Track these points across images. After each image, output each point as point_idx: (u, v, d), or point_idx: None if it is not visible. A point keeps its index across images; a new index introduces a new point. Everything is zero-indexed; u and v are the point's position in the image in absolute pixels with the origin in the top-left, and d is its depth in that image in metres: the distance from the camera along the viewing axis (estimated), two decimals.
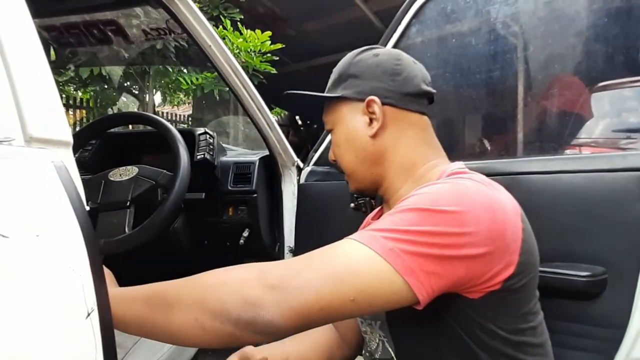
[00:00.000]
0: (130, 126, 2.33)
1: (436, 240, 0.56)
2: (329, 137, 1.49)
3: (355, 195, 1.28)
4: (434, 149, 0.78)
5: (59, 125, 0.53)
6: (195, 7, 1.14)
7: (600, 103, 1.66)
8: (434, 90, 0.79)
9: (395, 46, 1.29)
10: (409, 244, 0.55)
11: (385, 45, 1.30)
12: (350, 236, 0.60)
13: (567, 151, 1.55)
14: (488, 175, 0.74)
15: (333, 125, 0.81)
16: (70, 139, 0.55)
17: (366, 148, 0.76)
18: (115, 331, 0.53)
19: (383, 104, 0.74)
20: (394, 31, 1.31)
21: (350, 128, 0.77)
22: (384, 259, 0.55)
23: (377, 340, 0.74)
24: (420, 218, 0.57)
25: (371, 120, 0.75)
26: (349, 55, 0.81)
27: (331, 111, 0.81)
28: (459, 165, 0.74)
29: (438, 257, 0.56)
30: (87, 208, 0.52)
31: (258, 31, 4.33)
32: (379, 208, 0.90)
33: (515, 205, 0.65)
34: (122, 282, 1.41)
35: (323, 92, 0.83)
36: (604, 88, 1.66)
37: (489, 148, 1.57)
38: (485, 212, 0.59)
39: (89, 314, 0.47)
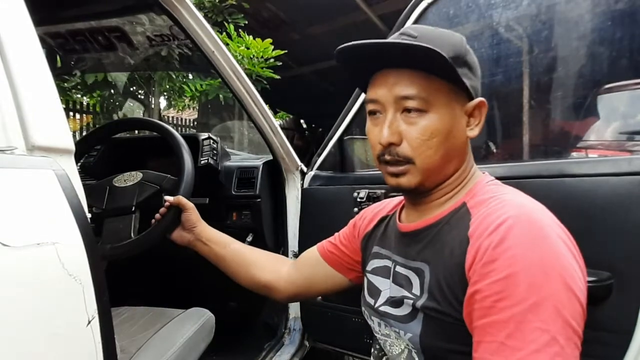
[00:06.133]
0: (135, 131, 2.34)
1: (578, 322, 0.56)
2: (334, 139, 1.48)
3: (358, 200, 1.28)
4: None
5: (61, 133, 0.54)
6: (198, 13, 1.15)
7: (606, 105, 1.65)
8: None
9: None
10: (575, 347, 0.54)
11: None
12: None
13: (574, 154, 1.54)
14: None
15: (429, 107, 0.66)
16: (73, 147, 0.55)
17: (462, 147, 0.71)
18: (120, 335, 0.54)
19: None
20: None
21: (456, 122, 0.68)
22: None
23: (403, 348, 0.73)
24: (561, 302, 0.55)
25: (469, 120, 0.70)
26: (453, 35, 0.70)
27: (432, 90, 0.66)
28: (489, 177, 0.74)
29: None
30: (89, 216, 0.52)
31: (259, 39, 4.35)
32: (399, 203, 0.86)
33: (559, 222, 0.64)
34: (123, 284, 1.41)
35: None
36: (610, 90, 1.65)
37: (494, 151, 1.56)
38: (577, 255, 0.60)
39: (89, 322, 0.47)
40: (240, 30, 4.45)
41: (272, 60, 4.46)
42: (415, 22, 1.28)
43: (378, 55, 0.68)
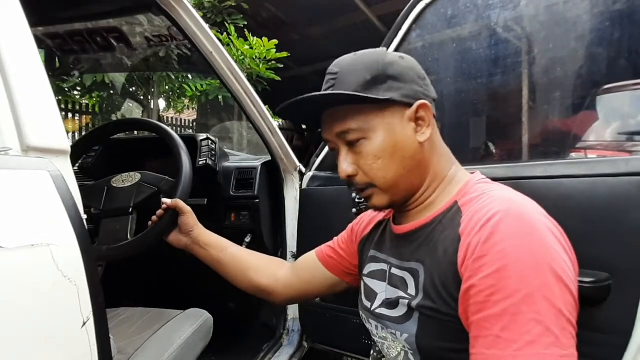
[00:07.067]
0: (134, 132, 2.34)
1: (572, 309, 0.56)
2: None
3: (357, 200, 1.28)
4: (450, 154, 0.77)
5: (57, 134, 0.54)
6: (196, 13, 1.14)
7: (605, 106, 1.65)
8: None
9: (396, 50, 1.29)
10: (567, 347, 0.54)
11: (387, 49, 1.29)
12: None
13: (573, 154, 1.54)
14: (491, 180, 0.74)
15: (366, 133, 0.69)
16: (68, 148, 0.55)
17: (415, 156, 0.70)
18: (117, 337, 0.54)
19: None
20: (395, 36, 1.30)
21: (399, 135, 0.69)
22: None
23: (400, 350, 0.73)
24: (552, 292, 0.55)
25: (417, 125, 0.70)
26: (371, 55, 0.72)
27: (363, 117, 0.69)
28: (480, 175, 0.74)
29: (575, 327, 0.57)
30: (84, 217, 0.52)
31: (265, 39, 4.34)
32: (388, 211, 0.86)
33: (548, 216, 0.64)
34: (122, 285, 1.41)
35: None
36: (609, 90, 1.65)
37: (493, 152, 1.56)
38: (567, 250, 0.60)
39: (84, 323, 0.47)
40: (246, 30, 4.44)
41: (273, 62, 4.46)
42: (414, 22, 1.27)
43: (310, 103, 0.72)
